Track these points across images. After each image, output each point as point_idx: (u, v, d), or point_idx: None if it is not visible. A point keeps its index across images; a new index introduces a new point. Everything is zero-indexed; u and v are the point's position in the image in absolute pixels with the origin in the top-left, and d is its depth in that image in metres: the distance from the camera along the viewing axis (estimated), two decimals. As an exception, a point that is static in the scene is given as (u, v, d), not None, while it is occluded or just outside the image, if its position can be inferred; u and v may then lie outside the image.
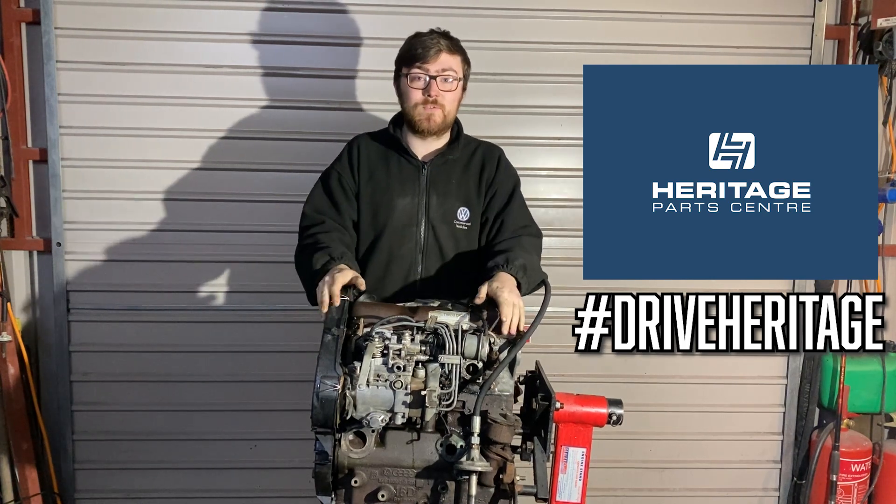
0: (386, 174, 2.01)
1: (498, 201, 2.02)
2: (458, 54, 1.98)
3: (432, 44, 1.93)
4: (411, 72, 1.95)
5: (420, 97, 1.94)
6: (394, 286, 1.98)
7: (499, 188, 2.03)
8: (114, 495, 2.96)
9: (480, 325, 1.64)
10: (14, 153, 2.78)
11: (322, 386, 1.47)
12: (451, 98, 1.97)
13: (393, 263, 1.98)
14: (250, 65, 2.81)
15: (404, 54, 1.98)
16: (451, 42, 1.97)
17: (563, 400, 1.61)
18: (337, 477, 1.56)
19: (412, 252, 1.98)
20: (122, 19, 2.75)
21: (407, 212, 1.99)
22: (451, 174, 2.02)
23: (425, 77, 1.93)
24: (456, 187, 2.02)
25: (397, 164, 2.02)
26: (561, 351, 2.97)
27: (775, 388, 3.10)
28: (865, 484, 2.95)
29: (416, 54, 1.93)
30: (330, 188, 2.02)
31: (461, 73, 1.99)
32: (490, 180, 2.04)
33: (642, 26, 2.87)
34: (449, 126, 2.03)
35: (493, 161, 2.07)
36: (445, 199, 2.00)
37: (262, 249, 2.87)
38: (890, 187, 2.89)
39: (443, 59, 1.94)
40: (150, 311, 2.89)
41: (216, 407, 2.94)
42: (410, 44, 1.98)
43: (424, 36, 1.97)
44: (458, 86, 1.98)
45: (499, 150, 2.11)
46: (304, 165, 2.82)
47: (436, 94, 1.94)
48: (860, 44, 2.94)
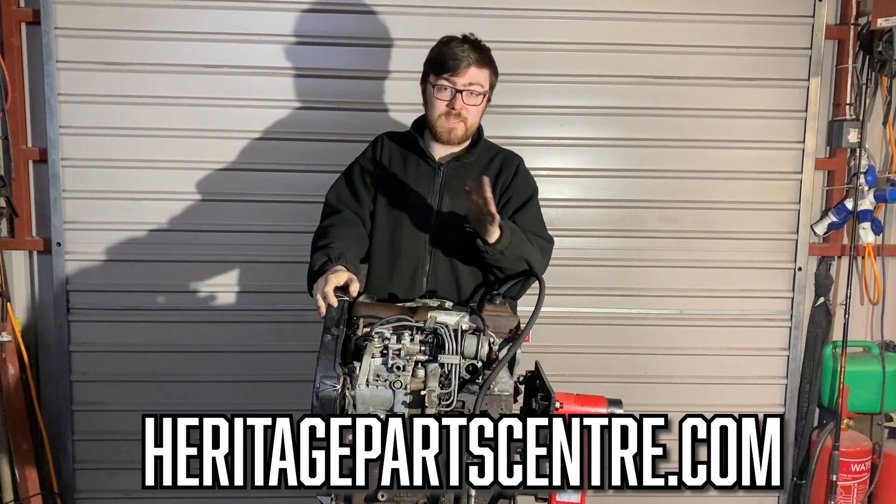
0: (404, 173, 2.03)
1: (511, 206, 2.02)
2: (487, 67, 1.96)
3: (463, 56, 1.91)
4: (438, 82, 1.93)
5: (444, 109, 1.95)
6: (401, 283, 1.99)
7: (514, 195, 2.03)
8: (114, 495, 2.96)
9: (480, 326, 1.63)
10: (14, 153, 2.79)
11: (322, 386, 1.47)
12: (475, 112, 1.98)
13: (401, 260, 1.99)
14: (250, 65, 2.81)
15: (434, 60, 1.96)
16: (481, 55, 1.95)
17: (562, 400, 1.61)
18: (337, 477, 1.56)
19: (421, 251, 1.99)
20: (122, 19, 2.75)
21: (420, 211, 2.00)
22: (467, 177, 2.02)
23: (452, 90, 1.93)
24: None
25: (415, 164, 2.04)
26: (561, 351, 3.00)
27: (775, 388, 3.10)
28: (865, 484, 2.95)
29: (445, 65, 1.92)
30: (352, 179, 2.05)
31: (487, 87, 1.98)
32: (505, 186, 2.04)
33: (642, 26, 2.88)
34: (469, 138, 2.04)
35: (511, 168, 2.07)
36: (458, 201, 2.00)
37: (263, 249, 2.87)
38: (890, 187, 2.89)
39: (471, 73, 1.92)
40: (150, 311, 2.89)
41: (216, 407, 2.94)
42: (441, 51, 1.95)
43: (456, 46, 1.93)
44: (482, 100, 1.98)
45: (518, 159, 2.11)
46: (305, 165, 2.83)
47: (460, 107, 1.94)
48: (860, 44, 2.94)
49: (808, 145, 2.96)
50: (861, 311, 3.13)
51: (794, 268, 3.03)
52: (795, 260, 3.02)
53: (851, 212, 2.93)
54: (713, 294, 3.02)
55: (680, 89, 2.92)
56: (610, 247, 2.99)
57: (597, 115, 2.92)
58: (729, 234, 3.00)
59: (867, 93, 2.96)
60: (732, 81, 2.93)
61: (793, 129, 2.97)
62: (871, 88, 2.97)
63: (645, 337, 3.03)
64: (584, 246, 2.98)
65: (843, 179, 3.02)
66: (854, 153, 3.01)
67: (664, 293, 3.01)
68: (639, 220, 2.98)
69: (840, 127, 2.94)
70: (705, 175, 2.97)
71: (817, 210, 3.07)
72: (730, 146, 2.96)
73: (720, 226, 3.00)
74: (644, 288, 3.01)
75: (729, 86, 2.93)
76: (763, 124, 2.96)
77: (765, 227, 3.02)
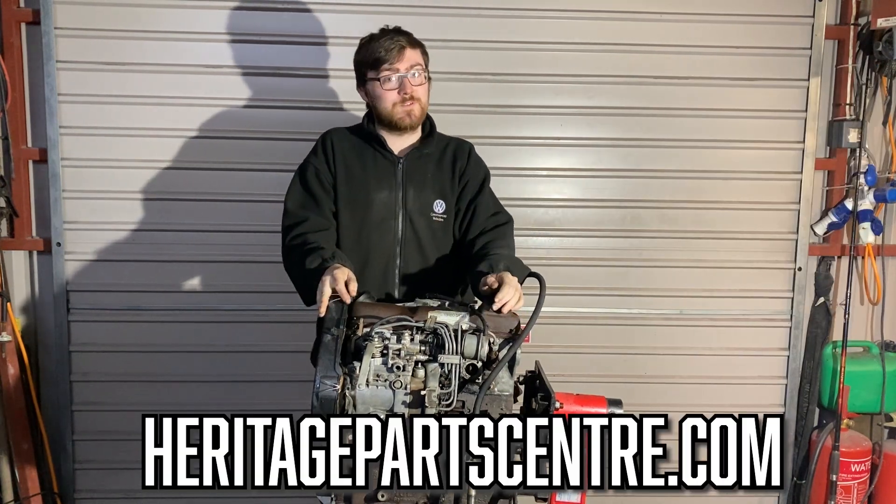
0: (362, 169, 2.04)
1: (469, 190, 2.09)
2: (418, 47, 2.02)
3: (394, 43, 1.96)
4: (381, 74, 1.97)
5: (396, 97, 1.98)
6: (373, 279, 2.00)
7: (470, 179, 2.10)
8: (114, 495, 2.96)
9: (480, 325, 1.63)
10: (14, 153, 2.79)
11: (322, 386, 1.47)
12: (423, 90, 2.02)
13: (371, 256, 2.01)
14: (250, 65, 2.81)
15: (367, 59, 2.00)
16: (407, 37, 2.00)
17: (562, 400, 1.61)
18: (337, 477, 1.56)
19: (391, 245, 2.02)
20: (122, 19, 2.75)
21: (385, 205, 2.02)
22: (427, 168, 2.07)
23: (397, 77, 1.96)
24: (431, 180, 2.07)
25: (373, 158, 2.05)
26: (561, 351, 3.00)
27: (775, 388, 3.10)
28: (865, 484, 2.95)
29: (380, 57, 1.96)
30: (307, 182, 2.04)
31: (424, 64, 2.02)
32: (462, 172, 2.10)
33: (642, 26, 2.88)
34: (422, 119, 2.07)
35: (465, 155, 2.12)
36: (422, 192, 2.04)
37: (263, 249, 2.87)
38: (890, 187, 2.89)
39: (408, 56, 1.97)
40: (150, 311, 2.89)
41: (216, 407, 2.94)
42: (370, 48, 1.99)
43: (382, 37, 1.99)
44: (425, 78, 2.02)
45: (469, 145, 2.17)
46: (304, 165, 2.83)
47: (410, 90, 1.97)
48: (860, 44, 2.94)
49: (808, 145, 2.96)
50: (861, 311, 3.13)
51: (794, 268, 3.03)
52: (795, 260, 3.03)
53: (851, 212, 2.93)
54: (713, 294, 3.02)
55: (680, 89, 2.92)
56: (610, 247, 2.99)
57: (597, 115, 2.92)
58: (729, 234, 3.00)
59: (867, 93, 2.96)
60: (732, 81, 2.93)
61: (793, 129, 2.98)
62: (871, 88, 2.97)
63: (645, 337, 3.03)
64: (584, 246, 2.98)
65: (843, 179, 3.02)
66: (854, 153, 3.01)
67: (664, 293, 3.01)
68: (639, 220, 2.98)
69: (840, 127, 2.94)
70: (705, 175, 2.97)
71: (817, 210, 3.07)
72: (730, 146, 2.96)
73: (720, 226, 3.00)
74: (644, 288, 3.01)
75: (729, 86, 2.93)
76: (763, 124, 2.96)
77: (765, 227, 3.02)
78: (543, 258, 2.94)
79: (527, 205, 2.94)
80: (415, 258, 2.03)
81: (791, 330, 3.06)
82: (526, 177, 2.95)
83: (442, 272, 2.03)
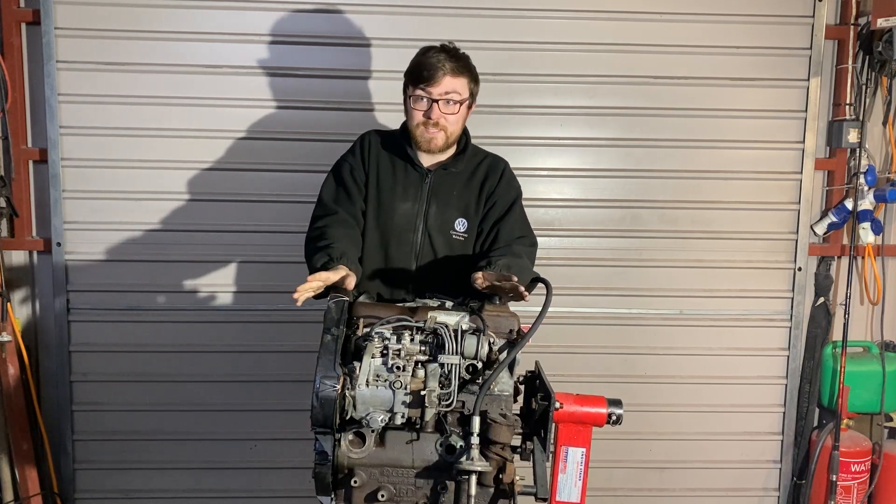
0: (392, 176, 2.03)
1: (496, 212, 2.04)
2: (464, 75, 1.95)
3: (438, 66, 1.90)
4: (415, 93, 1.94)
5: (421, 119, 1.95)
6: (386, 286, 2.01)
7: (498, 199, 2.05)
8: (114, 495, 2.96)
9: (480, 326, 1.63)
10: (14, 153, 2.79)
11: (322, 386, 1.47)
12: (454, 120, 1.97)
13: (387, 264, 2.01)
14: (250, 65, 2.81)
15: (411, 72, 1.97)
16: (456, 63, 1.94)
17: (562, 400, 1.61)
18: (337, 477, 1.56)
19: (407, 256, 2.01)
20: (122, 19, 2.75)
21: (406, 217, 2.01)
22: (454, 185, 2.04)
23: (428, 100, 1.93)
24: (457, 199, 2.04)
25: (403, 168, 2.04)
26: (561, 351, 3.00)
27: (775, 388, 3.10)
28: (865, 484, 2.95)
29: (420, 76, 1.92)
30: (342, 178, 2.04)
31: (466, 94, 1.97)
32: (491, 192, 2.06)
33: (642, 26, 2.88)
34: (452, 145, 2.03)
35: (497, 174, 2.08)
36: (445, 210, 2.02)
37: (263, 249, 2.87)
38: (890, 187, 2.89)
39: (446, 83, 1.91)
40: (150, 311, 2.89)
41: (216, 407, 2.95)
42: (418, 62, 1.95)
43: (431, 56, 1.93)
44: (460, 108, 1.97)
45: (504, 163, 2.12)
46: (305, 166, 2.83)
47: (437, 117, 1.93)
48: (860, 44, 2.95)
49: (808, 145, 2.96)
50: (861, 311, 3.13)
51: (794, 268, 3.03)
52: (795, 260, 3.03)
53: (851, 212, 2.93)
54: (713, 294, 3.03)
55: (680, 89, 2.92)
56: (610, 247, 2.99)
57: (597, 115, 2.92)
58: (729, 234, 3.00)
59: (867, 93, 2.96)
60: (732, 81, 2.93)
61: (793, 129, 2.97)
62: (870, 88, 2.97)
63: (645, 337, 3.03)
64: (584, 246, 2.98)
65: (842, 179, 3.02)
66: (854, 153, 3.01)
67: (664, 293, 3.01)
68: (639, 220, 2.98)
69: (840, 127, 2.94)
70: (705, 175, 2.97)
71: (817, 210, 3.07)
72: (730, 146, 2.96)
73: (720, 226, 3.00)
74: (644, 288, 3.01)
75: (729, 86, 2.93)
76: (763, 124, 2.96)
77: (764, 227, 3.02)
78: (543, 258, 2.92)
79: (527, 205, 2.89)
80: (430, 272, 2.00)
81: (791, 330, 3.06)
82: (526, 177, 2.89)
83: (457, 288, 1.98)
